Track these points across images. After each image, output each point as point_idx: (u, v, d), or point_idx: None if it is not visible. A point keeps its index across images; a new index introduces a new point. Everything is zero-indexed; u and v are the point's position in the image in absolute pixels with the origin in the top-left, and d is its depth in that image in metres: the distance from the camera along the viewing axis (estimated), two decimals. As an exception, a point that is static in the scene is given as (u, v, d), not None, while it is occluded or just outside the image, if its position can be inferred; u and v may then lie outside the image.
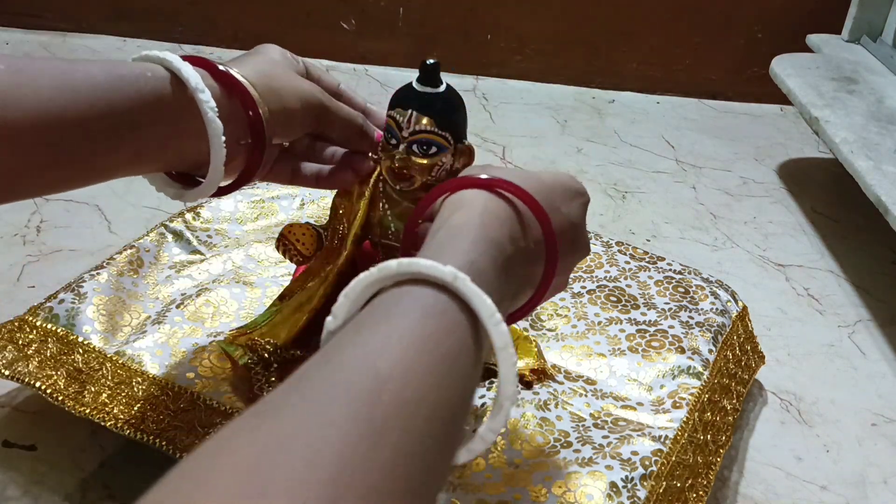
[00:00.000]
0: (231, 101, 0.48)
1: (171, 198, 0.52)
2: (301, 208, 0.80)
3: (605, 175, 1.08)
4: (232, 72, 0.49)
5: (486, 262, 0.39)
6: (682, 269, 0.74)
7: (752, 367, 0.71)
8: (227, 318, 0.64)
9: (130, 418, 0.56)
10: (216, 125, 0.47)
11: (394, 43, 1.31)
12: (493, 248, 0.40)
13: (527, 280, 0.45)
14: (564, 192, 0.48)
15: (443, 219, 0.43)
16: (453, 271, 0.34)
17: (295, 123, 0.53)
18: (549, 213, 0.44)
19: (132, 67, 0.46)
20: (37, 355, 0.60)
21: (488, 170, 0.46)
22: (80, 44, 1.27)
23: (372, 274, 0.35)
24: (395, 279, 0.35)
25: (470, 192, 0.44)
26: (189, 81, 0.46)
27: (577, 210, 0.48)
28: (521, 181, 0.45)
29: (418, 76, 0.53)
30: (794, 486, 0.66)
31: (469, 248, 0.39)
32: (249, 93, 0.49)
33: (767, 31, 1.29)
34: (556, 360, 0.64)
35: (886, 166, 0.86)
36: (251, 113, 0.49)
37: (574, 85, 1.32)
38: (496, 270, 0.39)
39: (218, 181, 0.50)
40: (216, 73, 0.48)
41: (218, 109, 0.47)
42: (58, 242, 0.83)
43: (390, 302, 0.34)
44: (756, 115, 1.30)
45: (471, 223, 0.41)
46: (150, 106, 0.45)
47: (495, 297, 0.35)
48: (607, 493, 0.52)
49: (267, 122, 0.49)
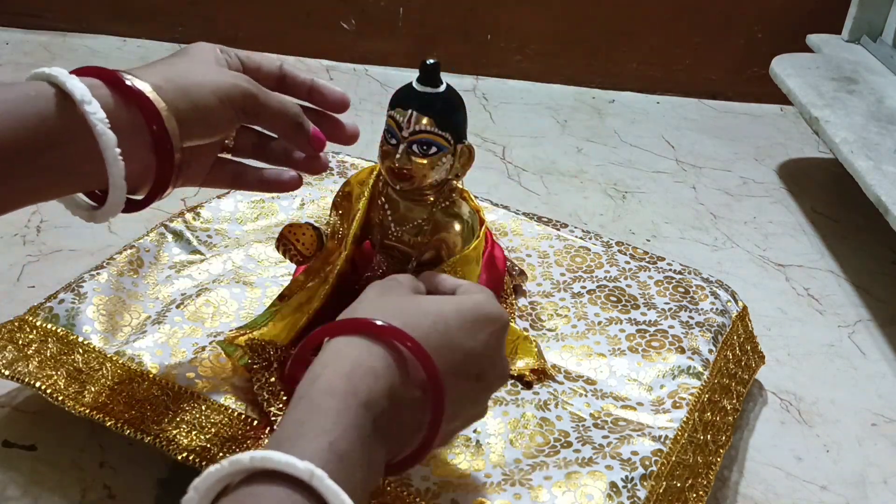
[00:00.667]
0: (129, 109, 0.45)
1: (85, 220, 0.49)
2: (301, 208, 0.80)
3: (605, 175, 1.08)
4: (124, 77, 0.45)
5: (351, 438, 0.37)
6: (682, 269, 0.74)
7: (752, 367, 0.71)
8: (227, 318, 0.64)
9: (130, 418, 0.56)
10: (107, 137, 0.44)
11: (394, 43, 1.31)
12: (360, 415, 0.38)
13: (417, 426, 0.42)
14: (473, 323, 0.44)
15: (311, 378, 0.39)
16: (309, 468, 0.33)
17: (214, 121, 0.49)
18: (438, 356, 0.41)
19: (14, 91, 0.43)
20: (37, 355, 0.60)
21: (385, 299, 0.44)
22: (80, 44, 1.27)
23: (223, 468, 0.34)
24: (247, 473, 0.34)
25: (344, 343, 0.41)
26: (74, 94, 0.43)
27: (486, 340, 0.45)
28: (411, 319, 0.42)
29: (418, 76, 0.53)
30: (794, 486, 0.66)
31: (330, 427, 0.36)
32: (148, 97, 0.45)
33: (767, 31, 1.29)
34: (556, 360, 0.64)
35: (886, 166, 0.86)
36: (155, 127, 0.45)
37: (574, 85, 1.32)
38: (363, 444, 0.37)
39: (121, 197, 0.46)
40: (110, 80, 0.45)
41: (113, 120, 0.44)
42: (58, 242, 0.83)
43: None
44: (756, 115, 1.30)
45: (336, 389, 0.38)
46: (35, 130, 0.43)
47: (360, 474, 0.35)
48: (607, 493, 0.52)
49: (175, 126, 0.46)
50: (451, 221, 0.57)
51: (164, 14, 1.29)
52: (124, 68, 0.48)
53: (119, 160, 0.44)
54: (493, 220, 0.78)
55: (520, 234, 0.77)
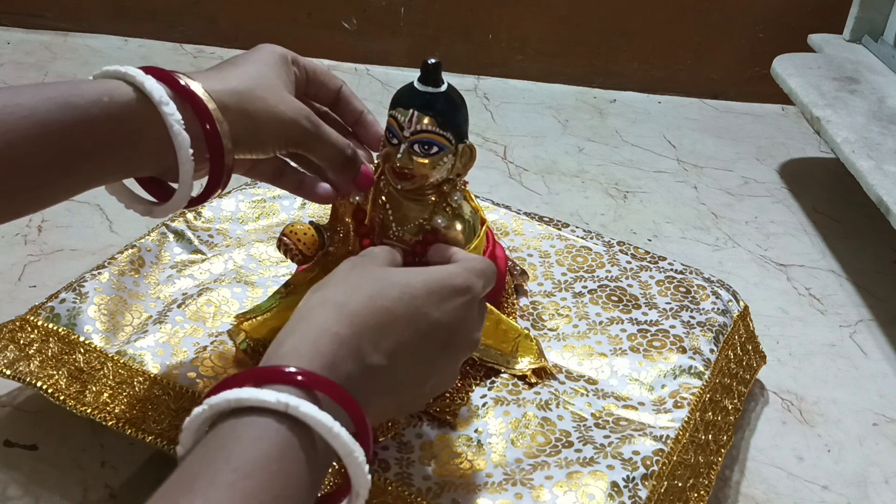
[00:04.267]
0: (187, 109, 0.46)
1: (141, 214, 0.50)
2: (302, 208, 0.80)
3: (607, 175, 1.08)
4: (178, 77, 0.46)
5: None
6: (683, 269, 0.74)
7: (753, 367, 0.71)
8: (229, 317, 0.64)
9: (132, 418, 0.56)
10: (182, 138, 0.45)
11: (395, 43, 1.31)
12: None
13: None
14: (440, 293, 0.45)
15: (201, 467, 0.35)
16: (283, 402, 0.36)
17: (268, 146, 0.50)
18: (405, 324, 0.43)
19: (86, 92, 0.44)
20: (38, 355, 0.60)
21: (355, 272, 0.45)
22: (81, 43, 1.27)
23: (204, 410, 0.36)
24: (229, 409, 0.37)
25: (236, 435, 0.36)
26: (153, 95, 0.45)
27: (452, 309, 0.46)
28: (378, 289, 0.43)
29: (420, 76, 0.53)
30: (796, 486, 0.65)
31: None
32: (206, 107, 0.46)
33: (769, 31, 1.29)
34: (558, 359, 0.64)
35: (888, 166, 0.86)
36: (208, 127, 0.47)
37: (575, 85, 1.32)
38: None
39: (188, 195, 0.49)
40: (167, 81, 0.46)
41: None
42: (59, 242, 0.83)
43: None
44: (757, 114, 1.30)
45: None
46: (104, 131, 0.44)
47: None
48: (609, 493, 0.52)
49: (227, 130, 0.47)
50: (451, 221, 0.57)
51: (166, 14, 1.29)
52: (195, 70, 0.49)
53: (191, 160, 0.46)
54: (495, 219, 0.78)
55: (521, 234, 0.77)
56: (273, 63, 0.51)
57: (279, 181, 0.56)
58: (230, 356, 0.60)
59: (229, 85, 0.48)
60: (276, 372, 0.38)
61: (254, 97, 0.49)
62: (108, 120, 0.44)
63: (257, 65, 0.50)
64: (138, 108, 0.45)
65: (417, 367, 0.45)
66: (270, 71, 0.50)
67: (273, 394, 0.36)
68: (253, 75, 0.50)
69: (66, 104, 0.43)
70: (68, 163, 0.44)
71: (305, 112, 0.50)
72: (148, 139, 0.46)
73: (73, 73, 1.17)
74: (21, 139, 0.42)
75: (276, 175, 0.56)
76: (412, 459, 0.55)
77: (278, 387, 0.37)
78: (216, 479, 0.33)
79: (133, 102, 0.45)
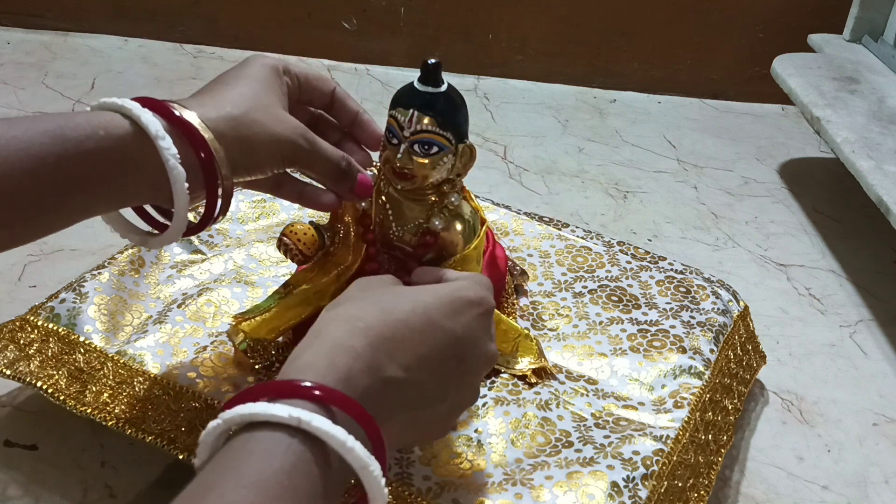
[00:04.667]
0: (182, 140, 0.46)
1: (137, 244, 0.51)
2: (302, 208, 0.80)
3: (607, 175, 1.08)
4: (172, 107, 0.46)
5: None
6: (683, 269, 0.74)
7: (753, 367, 0.71)
8: (229, 317, 0.64)
9: (132, 418, 0.56)
10: (178, 172, 0.45)
11: (395, 43, 1.31)
12: None
13: None
14: (452, 307, 0.45)
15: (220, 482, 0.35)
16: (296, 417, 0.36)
17: (265, 167, 0.50)
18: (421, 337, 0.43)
19: (81, 125, 0.44)
20: (38, 355, 0.60)
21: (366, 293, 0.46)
22: (81, 43, 1.27)
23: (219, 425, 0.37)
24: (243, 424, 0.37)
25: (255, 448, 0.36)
26: (149, 129, 0.45)
27: (467, 323, 0.46)
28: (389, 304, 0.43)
29: (420, 76, 0.53)
30: (796, 486, 0.66)
31: None
32: (202, 136, 0.46)
33: (769, 31, 1.29)
34: (558, 359, 0.64)
35: (888, 166, 0.86)
36: (203, 155, 0.47)
37: (575, 85, 1.32)
38: None
39: (183, 227, 0.49)
40: (161, 111, 0.46)
41: None
42: (59, 242, 0.83)
43: None
44: (757, 114, 1.30)
45: None
46: (100, 163, 0.44)
47: None
48: (609, 493, 0.52)
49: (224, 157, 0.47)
50: (451, 221, 0.57)
51: (166, 14, 1.29)
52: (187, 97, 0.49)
53: (186, 194, 0.46)
54: (495, 219, 0.78)
55: (521, 234, 0.77)
56: (264, 78, 0.51)
57: (279, 192, 0.56)
58: (230, 356, 0.60)
59: (224, 111, 0.48)
60: (291, 386, 0.38)
61: (250, 121, 0.48)
62: (103, 153, 0.44)
63: (250, 83, 0.50)
64: (134, 142, 0.45)
65: (435, 381, 0.44)
66: (263, 89, 0.50)
67: (285, 408, 0.36)
68: (247, 96, 0.49)
69: (62, 137, 0.43)
70: (64, 194, 0.44)
71: (301, 130, 0.51)
72: (144, 171, 0.46)
73: (73, 73, 1.17)
74: (17, 171, 0.42)
75: (275, 186, 0.56)
76: (412, 459, 0.55)
77: (292, 401, 0.37)
78: (226, 493, 0.33)
79: (129, 136, 0.45)
